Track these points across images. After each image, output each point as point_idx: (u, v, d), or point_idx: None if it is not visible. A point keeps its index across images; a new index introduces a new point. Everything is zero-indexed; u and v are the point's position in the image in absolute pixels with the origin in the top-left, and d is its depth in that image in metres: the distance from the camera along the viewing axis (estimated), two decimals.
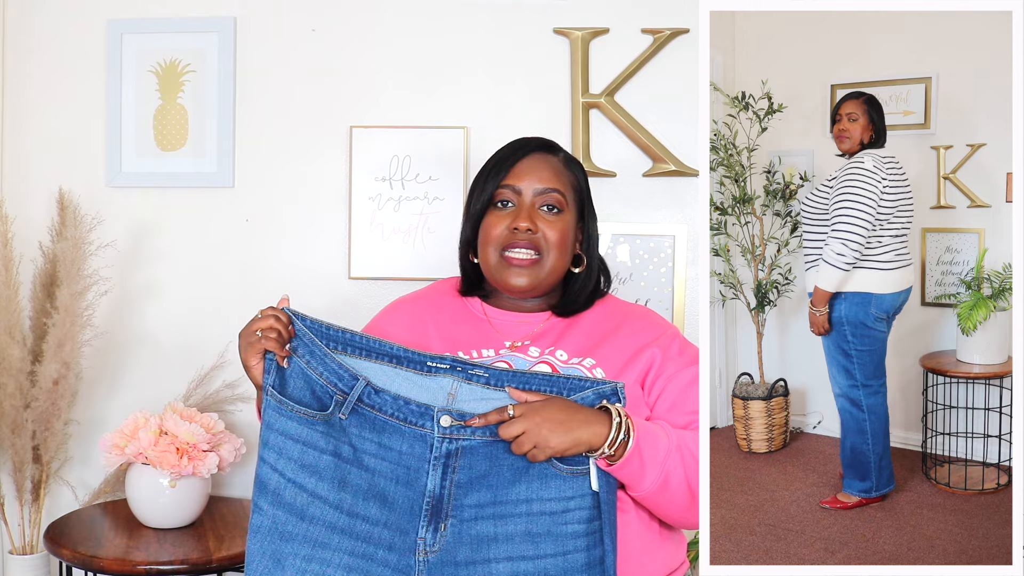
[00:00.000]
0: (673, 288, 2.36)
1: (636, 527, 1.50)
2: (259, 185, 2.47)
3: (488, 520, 1.39)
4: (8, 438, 2.28)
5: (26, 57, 2.50)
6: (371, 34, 2.43)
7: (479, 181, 1.64)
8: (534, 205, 1.60)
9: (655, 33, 2.36)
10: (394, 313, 1.70)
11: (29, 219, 2.45)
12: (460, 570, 1.38)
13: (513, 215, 1.59)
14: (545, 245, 1.59)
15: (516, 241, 1.58)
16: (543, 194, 1.60)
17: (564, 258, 1.61)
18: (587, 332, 1.61)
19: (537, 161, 1.62)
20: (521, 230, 1.57)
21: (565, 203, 1.61)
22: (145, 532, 2.18)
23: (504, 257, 1.59)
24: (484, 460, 1.39)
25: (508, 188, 1.60)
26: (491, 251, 1.60)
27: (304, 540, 1.39)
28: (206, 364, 2.43)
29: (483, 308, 1.67)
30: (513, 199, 1.60)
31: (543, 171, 1.61)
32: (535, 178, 1.60)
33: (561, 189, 1.61)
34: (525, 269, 1.59)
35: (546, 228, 1.59)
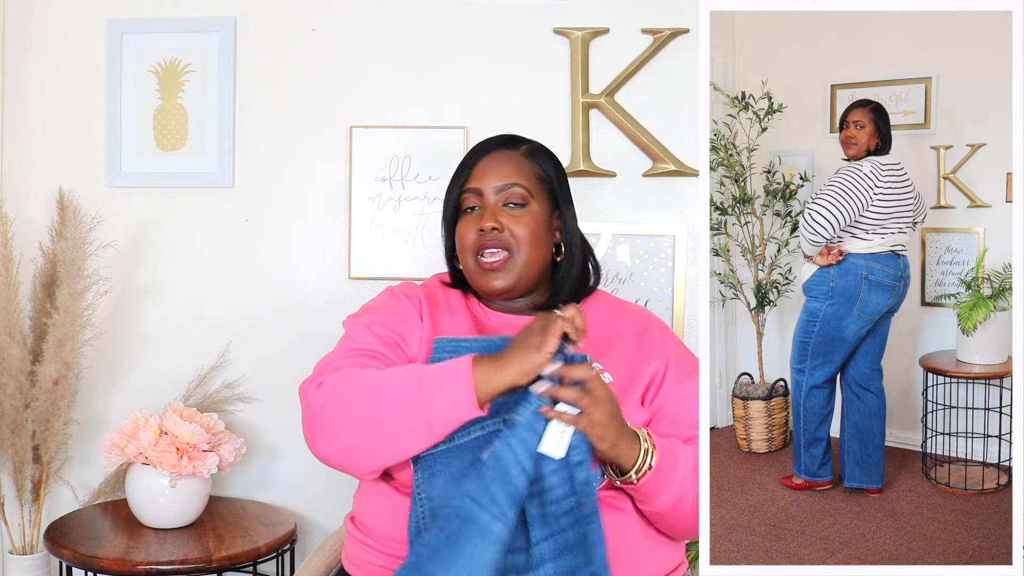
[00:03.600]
0: (673, 288, 2.36)
1: (635, 527, 1.50)
2: (259, 185, 2.47)
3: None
4: (8, 438, 2.28)
5: (26, 57, 2.50)
6: (371, 34, 2.43)
7: (447, 189, 1.65)
8: (498, 203, 1.59)
9: (655, 33, 2.35)
10: (397, 302, 1.64)
11: (29, 219, 2.45)
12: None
13: (479, 217, 1.59)
14: (514, 242, 1.58)
15: (486, 243, 1.58)
16: (504, 190, 1.59)
17: (538, 251, 1.60)
18: (589, 333, 1.61)
19: (496, 159, 1.62)
20: (487, 230, 1.57)
21: (529, 195, 1.60)
22: (145, 532, 2.18)
23: (479, 262, 1.59)
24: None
25: (471, 192, 1.61)
26: (468, 257, 1.61)
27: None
28: (206, 364, 2.43)
29: (482, 309, 1.67)
30: (477, 202, 1.61)
31: (502, 167, 1.61)
32: (494, 176, 1.60)
33: (522, 182, 1.60)
34: (499, 271, 1.58)
35: (512, 224, 1.58)
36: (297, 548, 2.34)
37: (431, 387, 1.36)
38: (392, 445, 1.40)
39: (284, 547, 2.19)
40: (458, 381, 1.35)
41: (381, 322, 1.56)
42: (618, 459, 1.40)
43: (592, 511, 1.35)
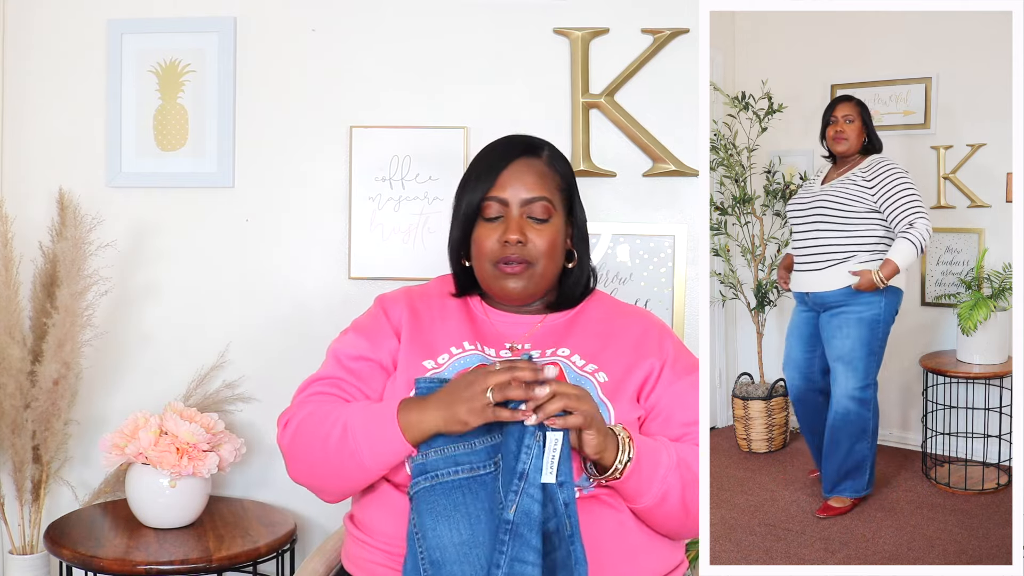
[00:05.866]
0: (673, 288, 2.36)
1: (632, 526, 1.50)
2: (259, 185, 2.47)
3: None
4: (8, 438, 2.28)
5: (26, 57, 2.50)
6: (371, 34, 2.43)
7: (466, 187, 1.64)
8: (522, 215, 1.60)
9: (655, 33, 2.36)
10: (395, 306, 1.68)
11: (29, 219, 2.45)
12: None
13: (503, 228, 1.59)
14: (536, 254, 1.59)
15: (508, 255, 1.59)
16: (530, 203, 1.60)
17: (554, 264, 1.62)
18: (587, 333, 1.61)
19: (522, 168, 1.61)
20: (512, 243, 1.58)
21: (553, 208, 1.61)
22: (145, 532, 2.18)
23: (498, 267, 1.60)
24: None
25: (495, 200, 1.60)
26: (485, 263, 1.61)
27: None
28: (206, 364, 2.43)
29: (483, 307, 1.67)
30: (501, 211, 1.60)
31: (528, 178, 1.60)
32: (521, 187, 1.60)
33: (547, 195, 1.61)
34: (519, 276, 1.59)
35: (535, 238, 1.59)
36: (297, 548, 2.34)
37: (363, 430, 1.46)
38: (342, 481, 1.53)
39: (284, 547, 2.19)
40: (386, 426, 1.44)
41: (351, 353, 1.63)
42: (605, 451, 1.40)
43: (574, 531, 1.36)
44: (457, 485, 1.40)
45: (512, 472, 1.34)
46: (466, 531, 1.37)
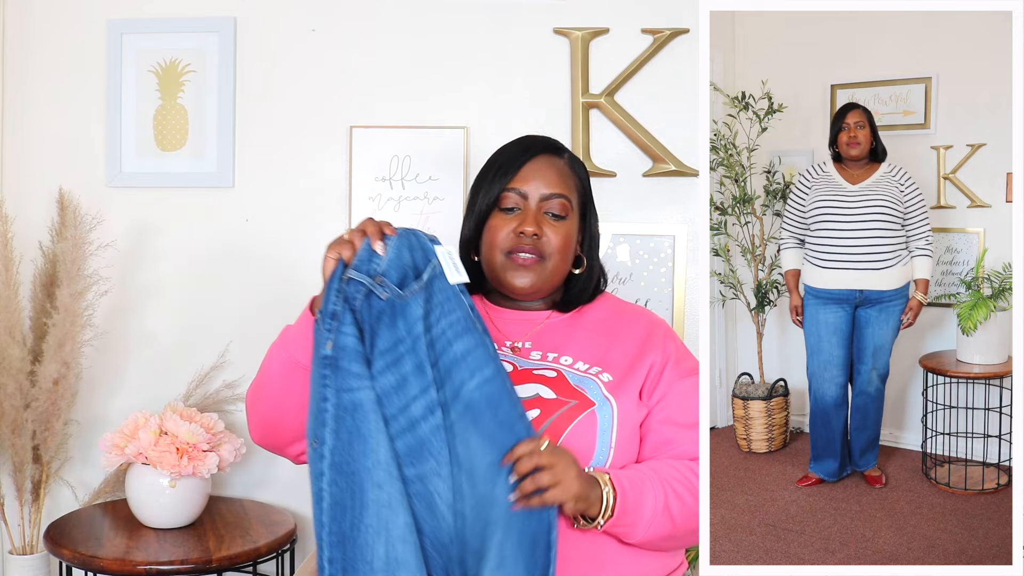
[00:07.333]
0: (673, 288, 2.36)
1: None
2: (259, 185, 2.47)
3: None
4: (8, 438, 2.28)
5: (26, 57, 2.50)
6: (371, 34, 2.43)
7: (484, 180, 1.63)
8: (540, 210, 1.59)
9: (655, 33, 2.35)
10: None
11: (29, 219, 2.45)
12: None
13: (519, 219, 1.58)
14: (549, 249, 1.58)
15: (522, 246, 1.57)
16: (549, 199, 1.59)
17: (565, 263, 1.61)
18: (590, 334, 1.61)
19: (543, 164, 1.61)
20: (527, 234, 1.56)
21: (570, 207, 1.60)
22: (145, 532, 2.18)
23: (510, 257, 1.59)
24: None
25: (514, 192, 1.59)
26: (496, 253, 1.60)
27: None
28: (206, 364, 2.43)
29: (485, 305, 1.67)
30: (519, 203, 1.59)
31: (550, 174, 1.60)
32: (542, 182, 1.59)
33: (567, 194, 1.60)
34: (529, 269, 1.58)
35: (551, 233, 1.58)
36: (297, 548, 2.34)
37: (291, 334, 1.50)
38: (290, 396, 1.47)
39: (284, 547, 2.19)
40: (304, 318, 1.49)
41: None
42: (588, 510, 1.40)
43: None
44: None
45: (323, 313, 1.41)
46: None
